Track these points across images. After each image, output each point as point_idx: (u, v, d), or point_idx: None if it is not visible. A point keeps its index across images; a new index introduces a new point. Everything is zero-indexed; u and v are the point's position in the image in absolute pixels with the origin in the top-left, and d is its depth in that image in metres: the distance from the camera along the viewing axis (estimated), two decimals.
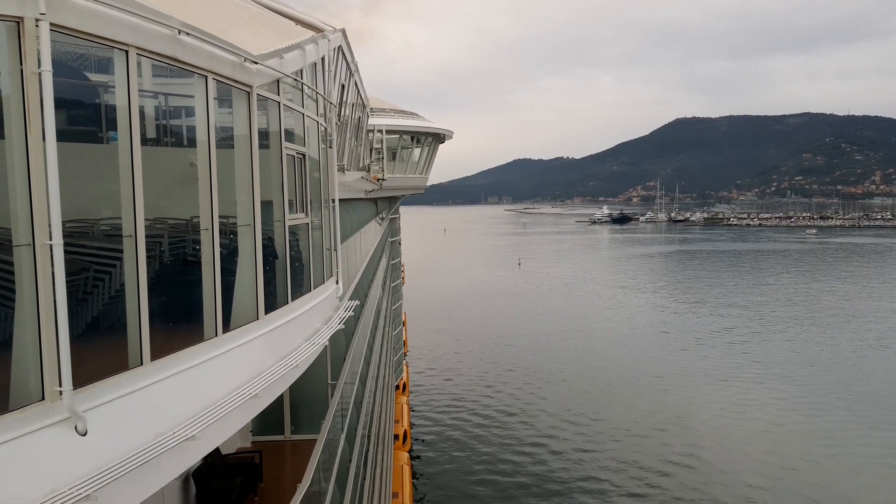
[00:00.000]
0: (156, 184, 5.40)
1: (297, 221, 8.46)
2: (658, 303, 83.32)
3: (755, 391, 45.58)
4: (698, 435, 37.52)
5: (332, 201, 10.63)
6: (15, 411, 3.91)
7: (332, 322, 9.23)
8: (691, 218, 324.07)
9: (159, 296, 5.40)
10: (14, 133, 3.93)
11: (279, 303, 7.57)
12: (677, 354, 56.38)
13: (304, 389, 11.51)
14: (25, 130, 3.96)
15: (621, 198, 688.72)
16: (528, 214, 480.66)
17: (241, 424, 6.15)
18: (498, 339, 62.67)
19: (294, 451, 11.77)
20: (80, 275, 4.88)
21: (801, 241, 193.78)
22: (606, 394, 45.37)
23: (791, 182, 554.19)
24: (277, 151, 7.74)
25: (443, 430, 38.83)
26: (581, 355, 56.23)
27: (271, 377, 6.51)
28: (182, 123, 6.65)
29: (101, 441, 4.39)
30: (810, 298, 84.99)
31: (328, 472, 9.00)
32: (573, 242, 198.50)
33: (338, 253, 10.57)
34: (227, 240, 6.59)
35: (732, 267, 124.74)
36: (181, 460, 5.08)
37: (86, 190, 5.16)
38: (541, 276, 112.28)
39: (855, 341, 60.13)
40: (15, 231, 3.97)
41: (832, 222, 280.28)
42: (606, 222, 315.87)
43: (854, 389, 45.49)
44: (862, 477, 32.01)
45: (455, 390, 46.71)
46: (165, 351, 5.24)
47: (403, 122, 39.47)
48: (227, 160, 6.65)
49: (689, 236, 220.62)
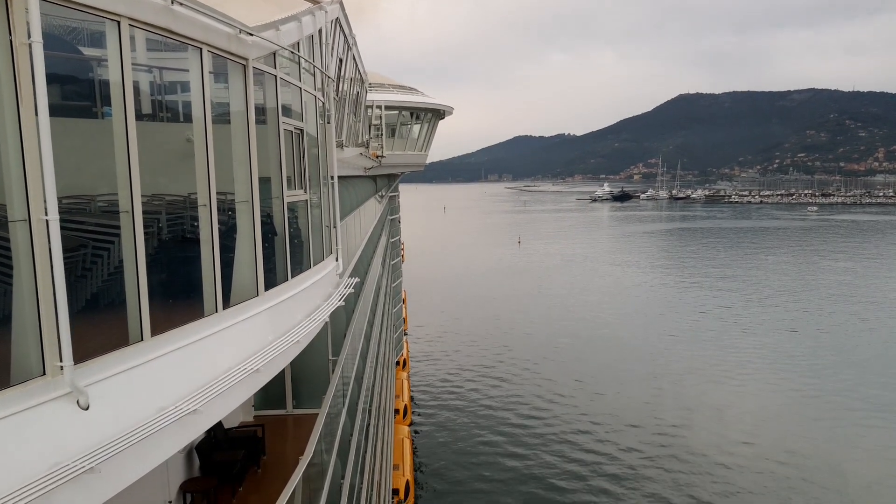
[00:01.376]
0: (152, 160, 5.37)
1: (295, 198, 8.43)
2: (657, 280, 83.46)
3: (753, 368, 45.85)
4: (695, 409, 37.84)
5: (330, 178, 10.59)
6: (17, 386, 3.92)
7: (333, 299, 9.25)
8: (692, 195, 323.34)
9: (158, 272, 5.39)
10: (6, 107, 3.89)
11: (279, 280, 7.57)
12: (676, 331, 56.62)
13: (306, 365, 11.57)
14: (17, 104, 3.92)
15: (622, 175, 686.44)
16: (529, 192, 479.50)
17: (242, 399, 6.18)
18: (497, 316, 62.90)
19: (296, 426, 11.87)
20: (79, 251, 4.87)
21: (802, 218, 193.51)
22: (604, 369, 45.64)
23: (793, 159, 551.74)
24: (275, 127, 7.68)
25: (442, 405, 39.17)
26: (580, 332, 56.48)
27: (272, 353, 6.53)
28: (178, 98, 6.58)
29: (103, 415, 4.41)
30: (809, 276, 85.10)
31: (330, 445, 9.08)
32: (573, 220, 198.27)
33: (337, 230, 10.56)
34: (226, 216, 6.57)
35: (732, 244, 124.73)
36: (184, 434, 5.12)
37: (82, 166, 5.12)
38: (541, 254, 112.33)
39: (854, 319, 60.32)
40: (10, 207, 3.95)
41: (834, 199, 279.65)
42: (607, 200, 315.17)
43: (852, 366, 45.74)
44: (856, 451, 32.34)
45: (454, 366, 47.02)
46: (166, 327, 5.25)
47: (403, 97, 39.17)
48: (224, 136, 6.60)
49: (690, 214, 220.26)
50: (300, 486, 7.04)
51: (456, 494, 28.64)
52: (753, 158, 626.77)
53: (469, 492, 28.84)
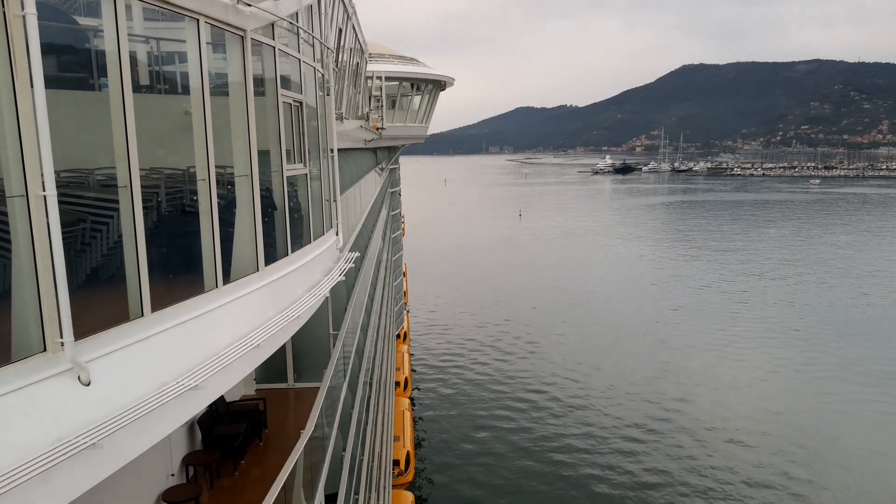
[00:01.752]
0: (150, 132, 5.30)
1: (295, 172, 8.36)
2: (658, 254, 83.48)
3: (754, 341, 46.09)
4: (696, 382, 38.12)
5: (330, 151, 10.49)
6: (18, 362, 3.92)
7: (333, 273, 9.23)
8: (695, 168, 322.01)
9: (158, 247, 5.36)
10: (0, 80, 3.82)
11: (279, 254, 7.54)
12: (677, 304, 56.79)
13: (307, 339, 11.61)
14: (12, 77, 3.85)
15: (624, 147, 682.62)
16: (530, 165, 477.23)
17: (243, 374, 6.19)
18: (498, 289, 63.05)
19: (297, 399, 11.95)
20: (77, 225, 4.83)
21: (804, 191, 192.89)
22: (605, 342, 45.90)
23: (797, 131, 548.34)
24: (274, 99, 7.58)
25: (442, 377, 39.47)
26: (580, 305, 56.68)
27: (273, 328, 6.53)
28: (175, 70, 6.48)
29: (105, 391, 4.42)
30: (811, 249, 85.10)
31: (331, 418, 9.15)
32: (575, 193, 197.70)
33: (337, 204, 10.50)
34: (225, 190, 6.52)
35: (734, 217, 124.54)
36: (185, 409, 5.14)
37: (79, 139, 5.06)
38: (542, 227, 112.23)
39: (855, 292, 60.47)
40: (7, 183, 3.90)
41: (836, 172, 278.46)
42: (609, 172, 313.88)
43: (852, 339, 45.98)
44: (856, 423, 32.65)
45: (455, 339, 47.28)
46: (166, 302, 5.24)
47: (403, 68, 38.72)
48: (223, 108, 6.51)
49: (692, 186, 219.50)
50: (302, 459, 7.10)
51: (456, 465, 29.00)
52: (757, 130, 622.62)
53: (469, 462, 29.20)
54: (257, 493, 7.84)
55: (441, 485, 27.38)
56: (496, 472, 28.30)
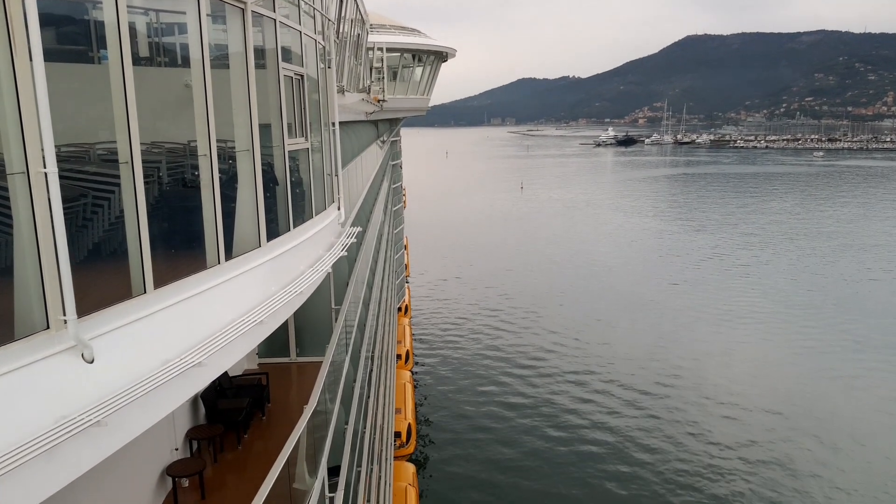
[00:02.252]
0: (150, 106, 5.23)
1: (296, 146, 8.28)
2: (660, 227, 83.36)
3: (755, 314, 46.23)
4: (697, 355, 38.33)
5: (332, 124, 10.38)
6: (21, 340, 3.91)
7: (335, 249, 9.20)
8: (697, 140, 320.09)
9: (160, 224, 5.33)
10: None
11: (281, 230, 7.51)
12: (678, 278, 56.87)
13: (309, 314, 11.62)
14: (11, 50, 3.77)
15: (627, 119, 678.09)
16: (532, 137, 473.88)
17: (246, 350, 6.20)
18: (499, 262, 63.11)
19: (300, 373, 12.02)
20: (79, 202, 4.79)
21: (807, 163, 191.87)
22: (606, 316, 46.06)
23: (801, 103, 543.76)
24: (274, 72, 7.48)
25: (444, 350, 39.71)
26: (581, 279, 56.77)
27: (275, 304, 6.52)
28: (175, 42, 6.37)
29: (108, 368, 4.42)
30: (813, 222, 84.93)
31: (333, 392, 9.19)
32: (577, 165, 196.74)
33: (339, 178, 10.42)
34: (226, 165, 6.46)
35: (736, 190, 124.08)
36: (189, 386, 5.15)
37: (79, 113, 5.00)
38: (543, 199, 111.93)
39: (856, 265, 60.48)
40: (8, 159, 3.85)
41: (840, 145, 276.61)
42: (611, 145, 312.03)
43: (853, 312, 46.11)
44: (857, 395, 32.89)
45: (456, 311, 47.46)
46: (168, 279, 5.22)
47: (404, 39, 38.22)
48: (223, 81, 6.42)
49: (695, 159, 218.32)
50: (305, 433, 7.15)
51: (456, 437, 29.31)
52: (760, 102, 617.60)
53: (469, 434, 29.51)
54: (261, 467, 7.92)
55: (442, 456, 27.72)
56: (497, 443, 28.62)
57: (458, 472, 26.65)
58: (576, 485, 25.47)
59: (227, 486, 8.49)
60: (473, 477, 26.15)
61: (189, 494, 8.17)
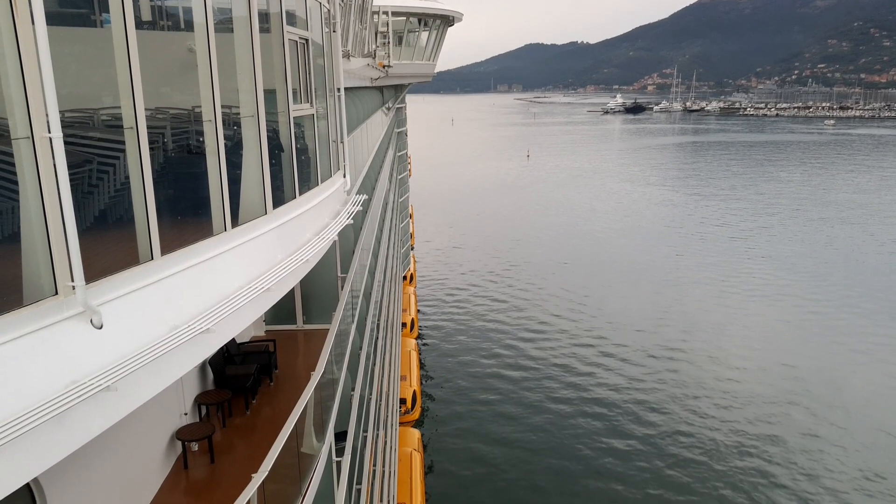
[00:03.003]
0: (154, 71, 5.16)
1: (301, 112, 8.20)
2: (667, 196, 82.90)
3: (761, 284, 46.19)
4: (701, 324, 38.45)
5: (337, 90, 10.27)
6: (30, 306, 3.92)
7: (341, 217, 9.17)
8: (707, 108, 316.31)
9: (166, 190, 5.30)
10: (1, 16, 3.68)
11: (287, 197, 7.47)
12: (685, 245, 56.74)
13: (315, 282, 11.65)
14: (12, 14, 3.71)
15: (636, 86, 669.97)
16: (539, 104, 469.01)
17: (254, 317, 6.23)
18: (504, 231, 63.03)
19: (307, 340, 12.10)
20: (84, 167, 4.76)
21: (818, 132, 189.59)
22: (612, 283, 46.13)
23: (813, 70, 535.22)
24: (279, 36, 7.36)
25: (449, 318, 39.92)
26: (587, 248, 56.70)
27: (282, 271, 6.53)
28: (178, 5, 6.26)
29: (117, 334, 4.44)
30: (822, 192, 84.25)
31: (340, 359, 9.26)
32: (584, 133, 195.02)
33: (344, 145, 10.34)
34: (231, 131, 6.40)
35: (745, 159, 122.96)
36: (197, 352, 5.17)
37: (82, 78, 4.94)
38: (550, 168, 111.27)
39: (864, 235, 60.15)
40: (12, 124, 3.82)
41: (851, 113, 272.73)
42: (619, 112, 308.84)
43: (859, 283, 46.01)
44: (858, 369, 33.01)
45: (461, 280, 47.60)
46: (175, 246, 5.21)
47: (410, 2, 37.64)
48: (227, 46, 6.33)
49: (703, 127, 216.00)
50: (312, 399, 7.22)
51: (461, 403, 29.64)
52: (772, 69, 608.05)
53: (474, 401, 29.83)
54: (269, 432, 8.02)
55: (447, 422, 28.06)
56: (501, 410, 28.94)
57: (463, 437, 27.00)
58: (579, 451, 25.78)
59: (236, 451, 8.62)
60: (477, 443, 26.50)
61: (198, 458, 8.30)
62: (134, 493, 7.22)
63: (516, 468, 24.67)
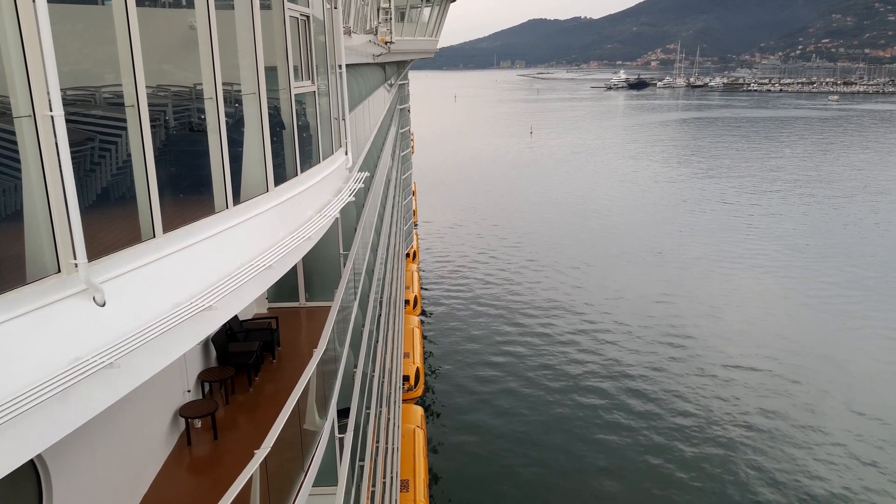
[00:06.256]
0: (155, 48, 5.12)
1: (303, 89, 8.14)
2: (670, 173, 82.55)
3: (764, 262, 46.16)
4: (704, 302, 38.50)
5: (338, 67, 10.18)
6: (33, 283, 3.94)
7: (343, 194, 9.15)
8: (710, 83, 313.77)
9: (167, 168, 5.29)
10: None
11: (288, 175, 7.46)
12: (687, 222, 56.64)
13: (318, 259, 11.66)
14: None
15: (639, 62, 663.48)
16: (542, 80, 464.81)
17: (256, 294, 6.24)
18: (507, 208, 62.91)
19: (309, 318, 12.14)
20: (86, 145, 4.75)
21: (822, 107, 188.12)
22: (614, 260, 46.14)
23: (817, 45, 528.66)
24: (280, 13, 7.29)
25: (451, 295, 40.03)
26: (590, 224, 56.62)
27: (284, 249, 6.53)
28: None
29: (120, 311, 4.46)
30: (825, 168, 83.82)
31: (342, 336, 9.30)
32: (587, 110, 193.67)
33: (346, 122, 10.29)
34: (233, 109, 6.37)
35: (748, 135, 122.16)
36: (200, 329, 5.20)
37: (83, 56, 4.91)
38: (553, 144, 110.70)
39: (866, 211, 59.96)
40: (14, 103, 3.80)
41: (855, 88, 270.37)
42: (622, 88, 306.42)
43: (861, 262, 45.96)
44: (861, 346, 33.11)
45: (464, 257, 47.64)
46: (177, 224, 5.22)
47: None
48: (228, 22, 6.27)
49: (707, 103, 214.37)
50: (315, 376, 7.27)
51: (464, 380, 29.83)
52: (776, 44, 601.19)
53: (477, 378, 30.02)
54: (272, 408, 8.09)
55: (450, 399, 28.28)
56: (505, 386, 29.13)
57: (465, 414, 27.23)
58: (582, 427, 25.99)
59: (239, 427, 8.70)
60: (480, 419, 26.73)
61: (202, 435, 8.38)
62: (137, 469, 7.30)
63: (520, 444, 24.90)
